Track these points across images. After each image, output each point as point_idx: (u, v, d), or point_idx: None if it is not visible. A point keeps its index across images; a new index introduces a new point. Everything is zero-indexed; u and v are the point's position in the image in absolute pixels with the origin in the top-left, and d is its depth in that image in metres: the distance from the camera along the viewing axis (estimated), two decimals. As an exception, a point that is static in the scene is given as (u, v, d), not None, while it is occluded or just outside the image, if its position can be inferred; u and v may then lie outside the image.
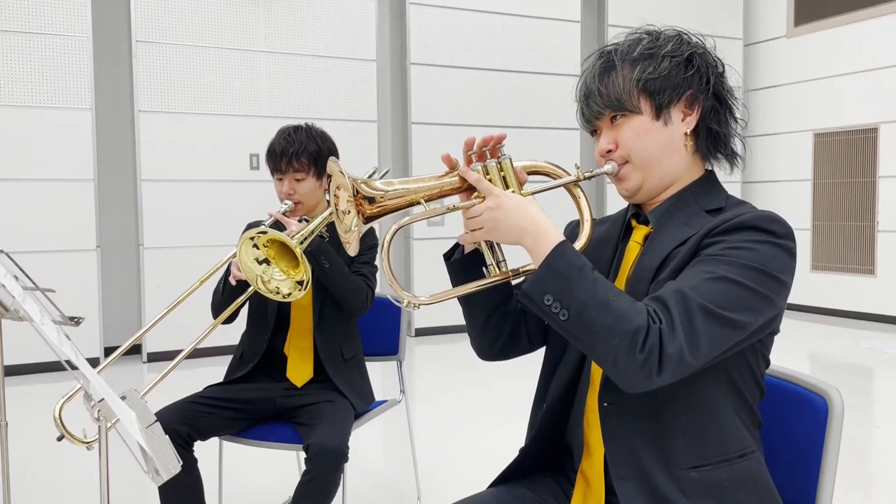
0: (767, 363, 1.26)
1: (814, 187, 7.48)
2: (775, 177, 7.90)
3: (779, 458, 1.32)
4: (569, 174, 1.26)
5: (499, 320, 1.34)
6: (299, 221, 2.20)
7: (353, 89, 6.25)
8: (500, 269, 1.25)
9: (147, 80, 5.54)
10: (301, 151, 2.26)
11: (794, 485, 1.30)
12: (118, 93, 5.73)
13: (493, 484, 1.39)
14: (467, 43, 6.68)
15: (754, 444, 1.22)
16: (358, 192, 1.19)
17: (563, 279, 1.10)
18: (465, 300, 1.31)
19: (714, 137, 1.28)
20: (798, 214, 7.60)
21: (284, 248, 2.03)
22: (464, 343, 1.36)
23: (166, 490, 2.08)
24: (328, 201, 2.34)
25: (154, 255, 5.61)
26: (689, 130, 1.25)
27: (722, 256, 1.12)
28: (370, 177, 2.35)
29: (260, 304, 2.32)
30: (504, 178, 1.23)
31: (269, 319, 2.34)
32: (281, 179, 2.31)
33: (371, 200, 1.19)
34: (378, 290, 2.43)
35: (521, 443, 1.38)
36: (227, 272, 2.21)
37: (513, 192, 1.21)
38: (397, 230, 1.22)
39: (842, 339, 6.35)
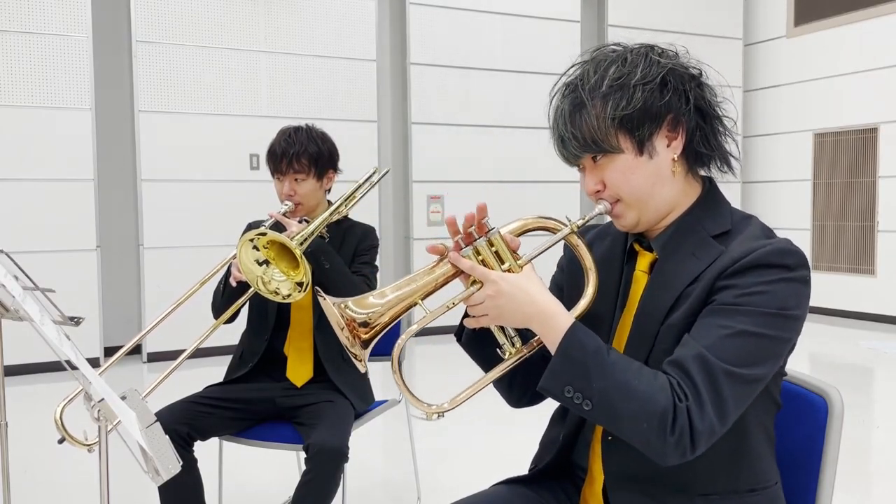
0: (783, 375, 1.24)
1: (814, 187, 7.48)
2: (775, 177, 7.90)
3: (779, 459, 1.32)
4: (563, 225, 1.21)
5: (523, 378, 1.30)
6: (299, 222, 2.19)
7: (353, 89, 6.25)
8: (514, 345, 1.21)
9: (147, 80, 5.54)
10: (301, 152, 2.26)
11: (794, 485, 1.30)
12: (118, 93, 5.73)
13: (498, 484, 1.39)
14: (467, 43, 6.68)
15: (771, 478, 1.20)
16: (350, 318, 1.15)
17: (579, 367, 1.06)
18: (487, 369, 1.26)
19: (704, 157, 1.21)
20: (798, 214, 7.60)
21: (284, 250, 2.03)
22: (464, 344, 1.35)
23: (166, 490, 2.08)
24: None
25: (154, 255, 5.61)
26: (676, 156, 1.18)
27: (738, 306, 1.08)
28: (370, 177, 2.36)
29: (260, 304, 2.32)
30: (497, 253, 1.17)
31: (269, 319, 2.33)
32: (281, 180, 2.31)
33: (364, 325, 1.16)
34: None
35: (521, 443, 1.39)
36: (228, 273, 2.21)
37: (509, 267, 1.16)
38: (403, 345, 1.18)
39: (842, 339, 6.35)
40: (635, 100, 1.13)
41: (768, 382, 1.17)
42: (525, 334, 1.23)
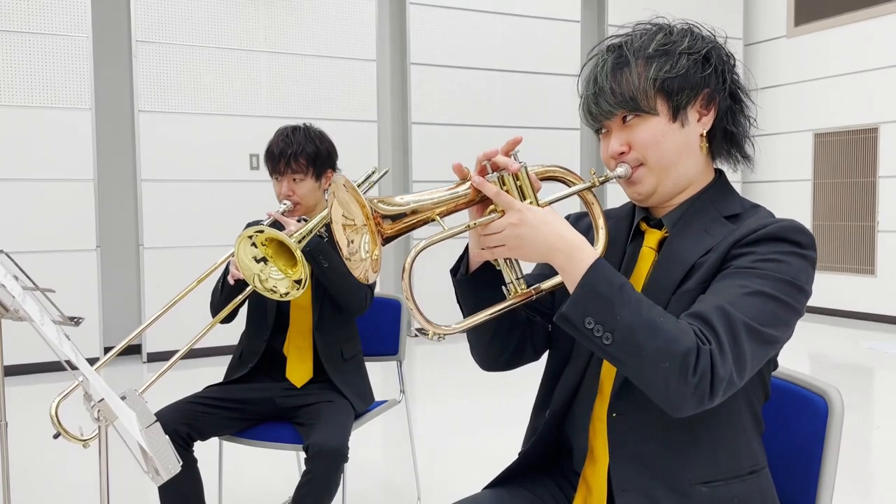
0: (775, 366, 1.25)
1: (814, 187, 7.48)
2: (775, 177, 7.90)
3: (779, 458, 1.32)
4: (582, 179, 1.19)
5: (506, 334, 1.28)
6: (298, 221, 2.19)
7: (353, 89, 6.25)
8: (519, 286, 1.18)
9: (147, 80, 5.54)
10: (299, 152, 2.25)
11: (794, 485, 1.30)
12: (118, 93, 5.73)
13: (491, 485, 1.37)
14: (467, 43, 6.68)
15: (764, 460, 1.22)
16: (375, 211, 1.07)
17: (604, 301, 1.04)
18: (471, 313, 1.23)
19: (730, 138, 1.24)
20: (798, 214, 7.60)
21: (282, 247, 2.03)
22: (464, 343, 1.35)
23: (166, 490, 2.08)
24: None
25: (154, 255, 5.61)
26: (704, 132, 1.21)
27: (754, 269, 1.09)
28: (369, 177, 2.36)
29: (259, 303, 2.32)
30: (520, 187, 1.14)
31: (269, 319, 2.33)
32: (279, 180, 2.30)
33: (394, 218, 1.08)
34: (378, 290, 2.43)
35: (521, 443, 1.38)
36: (227, 271, 2.21)
37: (530, 202, 1.13)
38: (417, 254, 1.09)
39: (842, 339, 6.35)
40: (679, 66, 1.17)
41: (762, 367, 1.18)
42: (528, 280, 1.22)
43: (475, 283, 1.23)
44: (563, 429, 1.31)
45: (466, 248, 1.24)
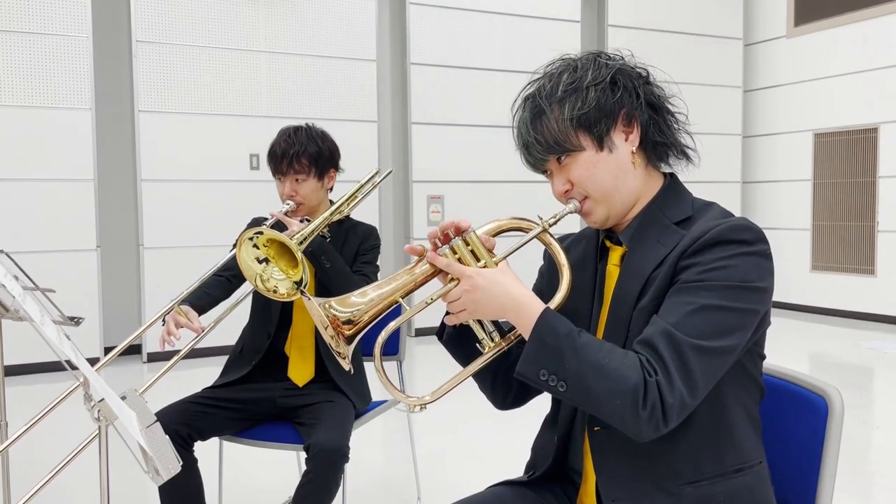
0: (763, 358, 1.26)
1: (814, 187, 7.48)
2: (775, 177, 7.90)
3: (779, 458, 1.32)
4: (535, 224, 1.25)
5: (505, 375, 1.33)
6: (301, 221, 2.19)
7: (353, 89, 6.25)
8: (493, 339, 1.25)
9: (147, 80, 5.54)
10: (302, 153, 2.25)
11: (794, 485, 1.30)
12: (118, 93, 5.73)
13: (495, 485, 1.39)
14: (467, 43, 6.68)
15: (756, 457, 1.22)
16: (333, 317, 1.19)
17: (553, 351, 1.11)
18: (467, 366, 1.31)
19: (661, 146, 1.27)
20: (798, 214, 7.60)
21: (284, 248, 2.03)
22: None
23: (166, 490, 2.08)
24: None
25: (154, 255, 5.61)
26: (634, 148, 1.24)
27: (700, 282, 1.12)
28: (371, 178, 2.35)
29: (264, 302, 2.32)
30: (472, 252, 1.21)
31: (273, 318, 2.33)
32: (282, 181, 2.30)
33: (348, 322, 1.20)
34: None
35: (521, 443, 1.38)
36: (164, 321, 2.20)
37: (484, 264, 1.20)
38: (387, 337, 1.22)
39: (842, 339, 6.35)
40: (589, 99, 1.21)
41: (745, 363, 1.20)
42: (502, 329, 1.27)
43: (458, 340, 1.31)
44: (568, 450, 1.34)
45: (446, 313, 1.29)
